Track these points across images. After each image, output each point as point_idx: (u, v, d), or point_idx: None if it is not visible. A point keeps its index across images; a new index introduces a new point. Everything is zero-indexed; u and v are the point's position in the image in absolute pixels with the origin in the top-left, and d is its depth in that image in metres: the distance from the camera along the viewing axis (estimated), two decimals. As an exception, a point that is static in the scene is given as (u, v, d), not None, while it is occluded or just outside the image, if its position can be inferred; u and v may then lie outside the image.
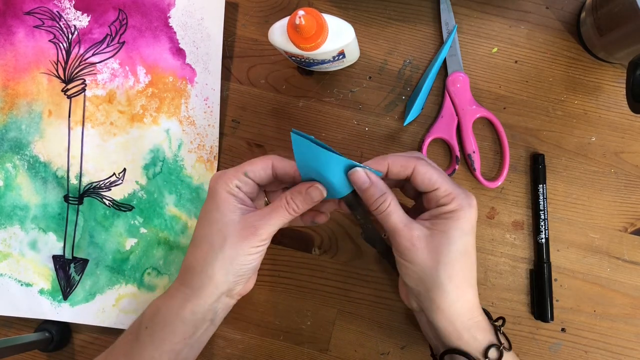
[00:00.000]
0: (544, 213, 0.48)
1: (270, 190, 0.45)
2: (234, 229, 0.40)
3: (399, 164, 0.39)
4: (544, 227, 0.48)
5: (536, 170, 0.48)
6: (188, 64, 0.52)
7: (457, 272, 0.39)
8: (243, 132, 0.52)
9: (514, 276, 0.50)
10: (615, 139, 0.49)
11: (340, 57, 0.45)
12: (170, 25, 0.51)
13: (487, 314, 0.42)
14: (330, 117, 0.51)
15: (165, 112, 0.52)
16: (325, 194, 0.40)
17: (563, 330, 0.50)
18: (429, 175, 0.39)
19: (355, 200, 0.41)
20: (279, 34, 0.41)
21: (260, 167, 0.41)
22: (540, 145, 0.49)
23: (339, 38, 0.41)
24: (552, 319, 0.48)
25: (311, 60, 0.44)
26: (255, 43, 0.51)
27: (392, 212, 0.39)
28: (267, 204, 0.45)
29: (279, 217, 0.40)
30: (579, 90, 0.49)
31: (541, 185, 0.48)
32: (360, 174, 0.39)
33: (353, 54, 0.47)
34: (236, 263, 0.40)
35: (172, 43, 0.51)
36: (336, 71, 0.50)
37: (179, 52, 0.52)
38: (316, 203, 0.40)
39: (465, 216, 0.39)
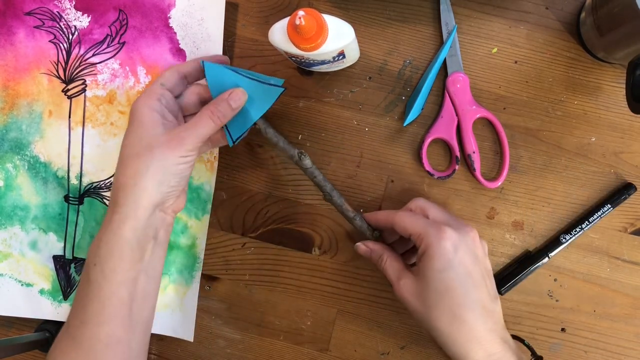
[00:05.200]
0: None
1: (189, 114, 0.48)
2: (161, 141, 0.41)
3: (382, 219, 0.46)
4: (573, 233, 0.48)
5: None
6: None
7: (442, 311, 0.39)
8: (243, 132, 0.52)
9: (514, 276, 0.50)
10: (615, 139, 0.49)
11: (340, 57, 0.45)
12: (170, 25, 0.51)
13: (520, 340, 0.42)
14: (330, 118, 0.51)
15: None
16: (246, 96, 0.44)
17: (563, 330, 0.50)
18: (403, 224, 0.43)
19: (266, 123, 0.46)
20: (279, 34, 0.41)
21: (169, 74, 0.45)
22: (540, 145, 0.49)
23: (339, 38, 0.41)
24: (501, 294, 0.49)
25: (311, 61, 0.44)
26: (255, 43, 0.51)
27: (387, 268, 0.44)
28: None
29: (203, 125, 0.42)
30: (579, 91, 0.49)
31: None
32: (361, 247, 0.47)
33: (353, 55, 0.47)
34: (167, 173, 0.41)
35: (173, 43, 0.51)
36: (336, 71, 0.50)
37: (179, 53, 0.52)
38: (239, 107, 0.43)
39: (435, 254, 0.40)
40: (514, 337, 0.43)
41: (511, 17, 0.49)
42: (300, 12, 0.37)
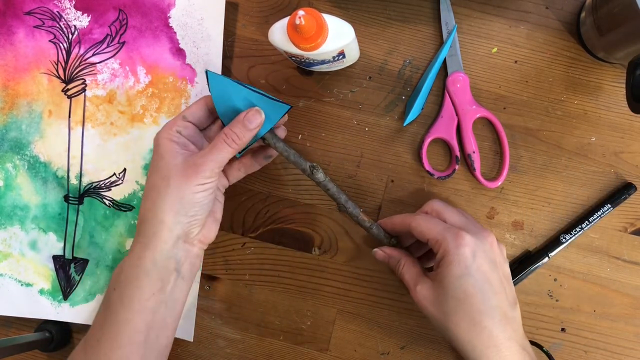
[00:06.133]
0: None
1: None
2: (177, 171, 0.41)
3: (398, 223, 0.45)
4: (573, 233, 0.48)
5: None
6: (188, 64, 0.52)
7: (461, 318, 0.39)
8: (243, 132, 0.52)
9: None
10: (615, 139, 0.49)
11: (340, 57, 0.45)
12: (170, 25, 0.51)
13: (539, 347, 0.42)
14: (330, 117, 0.51)
15: (166, 112, 0.52)
16: (263, 116, 0.42)
17: (563, 330, 0.50)
18: (420, 229, 0.42)
19: (276, 137, 0.44)
20: (279, 34, 0.41)
21: (195, 108, 0.43)
22: (540, 145, 0.49)
23: (339, 38, 0.41)
24: None
25: (311, 61, 0.44)
26: (255, 43, 0.51)
27: (404, 273, 0.44)
28: None
29: (219, 151, 0.41)
30: (579, 90, 0.49)
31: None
32: (379, 253, 0.46)
33: (353, 54, 0.47)
34: (184, 203, 0.40)
35: (172, 43, 0.52)
36: (336, 71, 0.50)
37: (179, 52, 0.52)
38: (256, 129, 0.42)
39: (453, 260, 0.39)
40: (532, 342, 0.43)
41: (511, 17, 0.49)
42: (300, 12, 0.37)
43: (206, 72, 0.42)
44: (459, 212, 0.44)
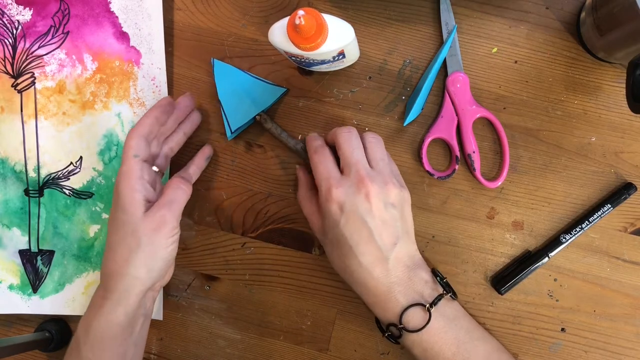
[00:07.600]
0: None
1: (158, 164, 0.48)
2: (145, 227, 0.42)
3: (329, 138, 0.47)
4: (573, 233, 0.48)
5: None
6: (132, 46, 0.52)
7: (335, 258, 0.44)
8: (243, 132, 0.52)
9: (514, 276, 0.50)
10: (615, 139, 0.49)
11: (340, 57, 0.45)
12: (111, 10, 0.52)
13: (435, 275, 0.44)
14: (330, 117, 0.51)
15: (115, 97, 0.52)
16: (212, 151, 0.51)
17: (563, 330, 0.50)
18: (314, 167, 0.44)
19: (269, 116, 0.50)
20: (279, 34, 0.41)
21: (135, 142, 0.43)
22: (540, 145, 0.49)
23: (339, 38, 0.41)
24: (501, 294, 0.49)
25: (311, 61, 0.44)
26: (255, 43, 0.51)
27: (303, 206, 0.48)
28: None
29: (179, 200, 0.44)
30: (579, 90, 0.49)
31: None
32: (298, 171, 0.50)
33: (353, 54, 0.47)
34: (156, 258, 0.42)
35: (115, 27, 0.52)
36: (336, 71, 0.50)
37: (123, 36, 0.52)
38: (208, 160, 0.50)
39: (325, 214, 0.44)
40: (434, 270, 0.45)
41: (511, 17, 0.49)
42: (300, 12, 0.37)
43: (212, 60, 0.49)
44: (359, 153, 0.44)
